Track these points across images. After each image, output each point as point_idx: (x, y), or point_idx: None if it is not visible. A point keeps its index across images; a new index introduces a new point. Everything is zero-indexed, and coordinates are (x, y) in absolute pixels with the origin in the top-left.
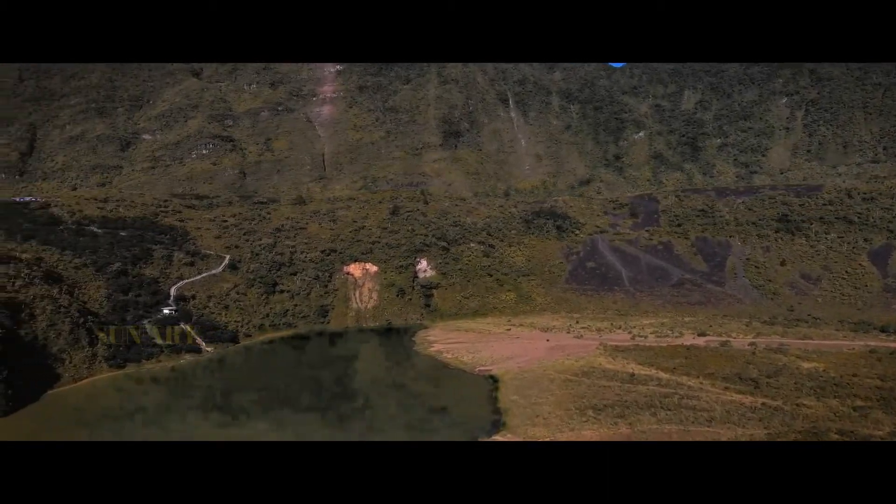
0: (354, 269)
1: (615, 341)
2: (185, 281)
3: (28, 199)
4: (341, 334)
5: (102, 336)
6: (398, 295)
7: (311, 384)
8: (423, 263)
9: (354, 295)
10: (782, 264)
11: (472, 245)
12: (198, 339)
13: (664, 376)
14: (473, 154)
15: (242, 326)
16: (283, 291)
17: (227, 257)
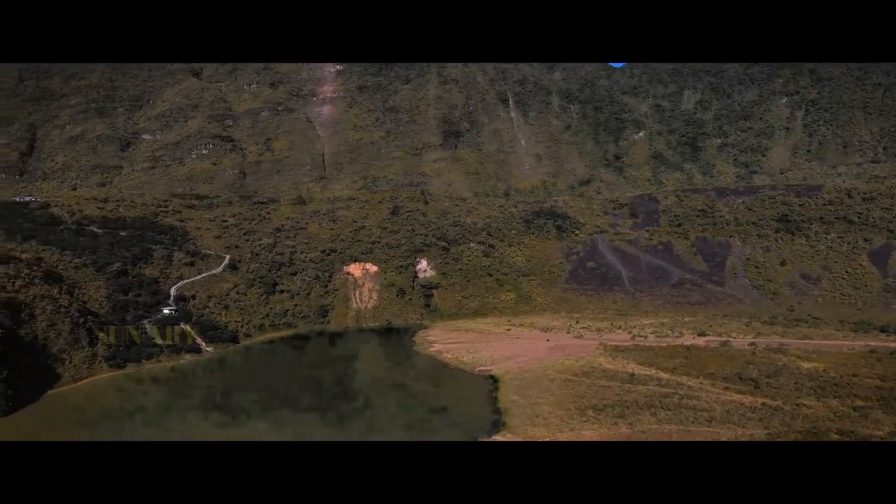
0: (354, 269)
1: (615, 341)
2: (185, 281)
3: (28, 198)
4: (341, 334)
5: (102, 336)
6: (398, 295)
7: (310, 384)
8: (423, 263)
9: (354, 295)
10: (782, 264)
11: (472, 245)
12: (198, 339)
13: (664, 376)
14: (473, 154)
15: (242, 326)
16: (283, 291)
17: (227, 257)
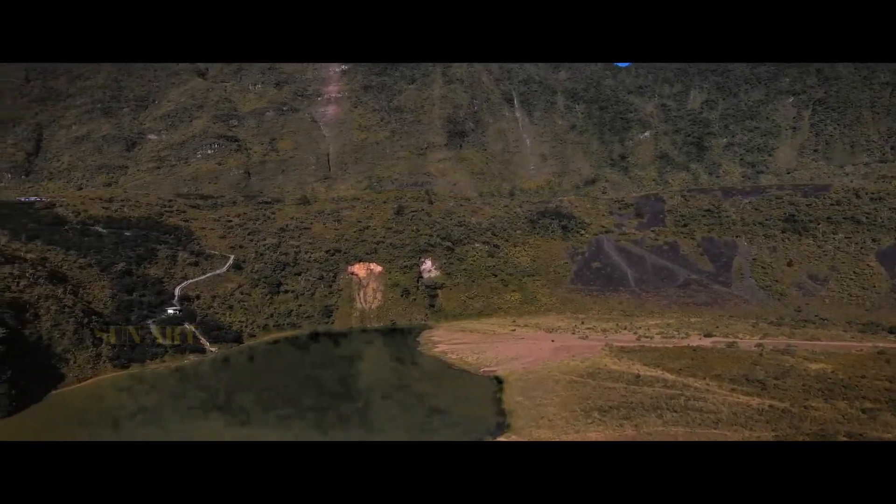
0: (359, 270)
1: (621, 342)
2: (190, 281)
3: (33, 198)
4: (345, 335)
5: (105, 336)
6: (402, 295)
7: (314, 385)
8: (428, 263)
9: (359, 295)
10: (789, 265)
11: (477, 245)
12: (202, 340)
13: (670, 377)
14: (478, 154)
15: (247, 327)
16: (287, 291)
17: (232, 257)
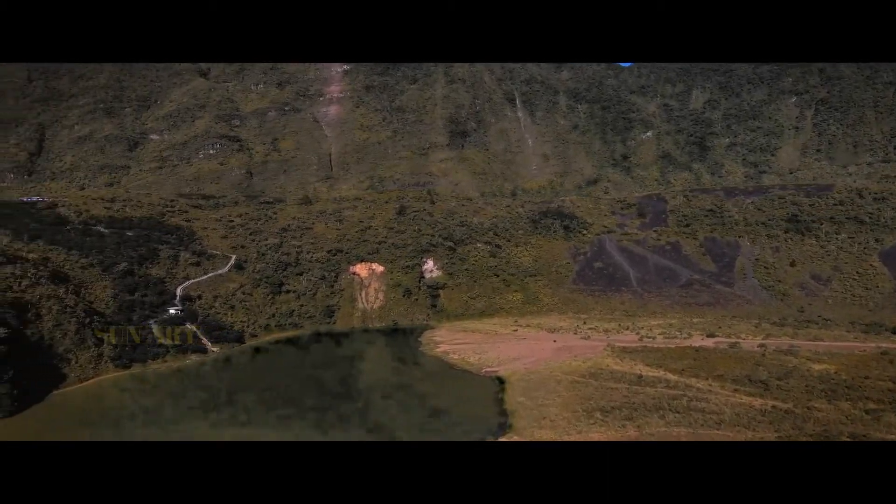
0: (361, 270)
1: (623, 342)
2: (192, 281)
3: (35, 198)
4: (347, 335)
5: (105, 336)
6: (404, 295)
7: (315, 385)
8: (430, 263)
9: (360, 295)
10: (792, 265)
11: (479, 245)
12: (203, 340)
13: (673, 378)
14: (480, 154)
15: (248, 326)
16: (289, 291)
17: (234, 257)
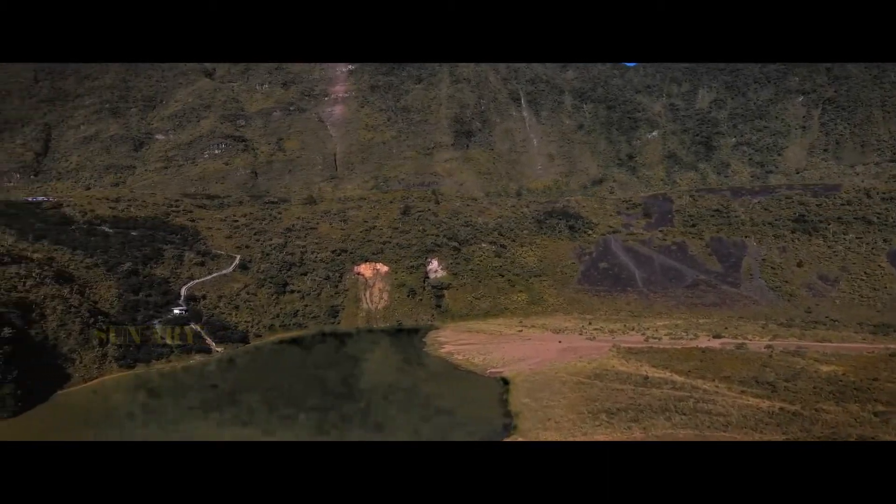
0: (365, 270)
1: (628, 343)
2: (196, 281)
3: (40, 198)
4: (351, 335)
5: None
6: (409, 295)
7: (319, 385)
8: (434, 264)
9: (365, 295)
10: (799, 265)
11: (484, 245)
12: (208, 340)
13: (679, 379)
14: (485, 154)
15: (253, 327)
16: (293, 291)
17: (238, 257)
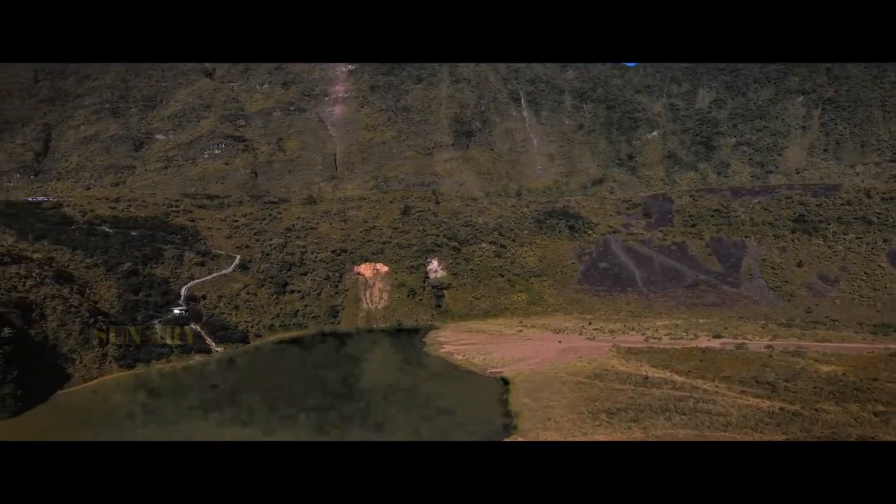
0: (365, 270)
1: (628, 343)
2: (196, 281)
3: (40, 198)
4: (351, 335)
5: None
6: (409, 295)
7: (319, 385)
8: (434, 264)
9: (365, 295)
10: (799, 265)
11: (484, 245)
12: (207, 340)
13: (679, 379)
14: (485, 154)
15: (253, 327)
16: (293, 292)
17: (238, 257)
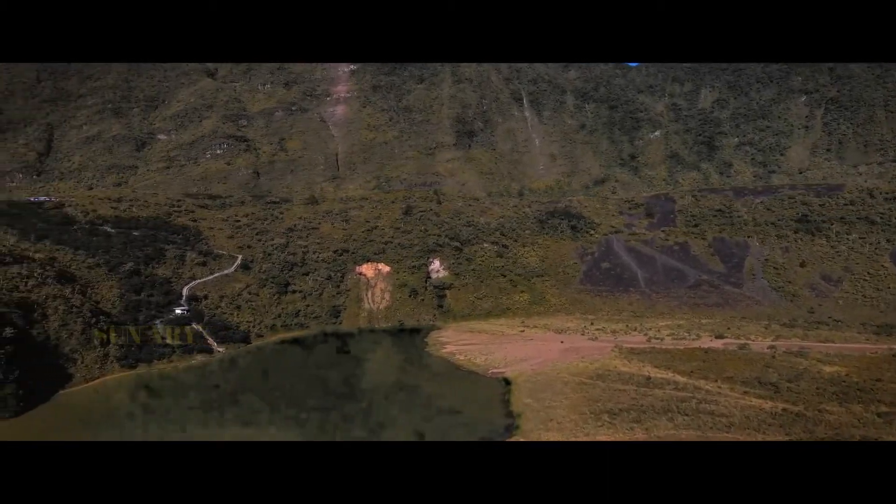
0: (367, 270)
1: (630, 343)
2: (198, 281)
3: (42, 198)
4: (353, 335)
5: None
6: (411, 295)
7: (321, 386)
8: (436, 264)
9: (367, 295)
10: (802, 265)
11: (486, 245)
12: (209, 340)
13: (681, 380)
14: (487, 153)
15: (254, 327)
16: (295, 292)
17: (240, 257)
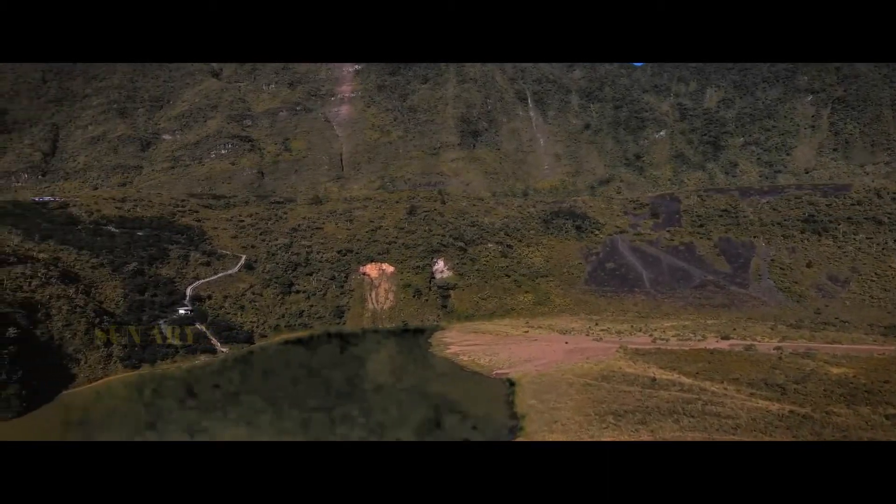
0: (371, 270)
1: (636, 344)
2: (202, 281)
3: (47, 198)
4: (357, 335)
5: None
6: (415, 296)
7: (324, 386)
8: (440, 264)
9: (371, 295)
10: (808, 266)
11: (490, 245)
12: (213, 340)
13: (687, 381)
14: (492, 153)
15: (258, 327)
16: (298, 292)
17: (244, 257)
